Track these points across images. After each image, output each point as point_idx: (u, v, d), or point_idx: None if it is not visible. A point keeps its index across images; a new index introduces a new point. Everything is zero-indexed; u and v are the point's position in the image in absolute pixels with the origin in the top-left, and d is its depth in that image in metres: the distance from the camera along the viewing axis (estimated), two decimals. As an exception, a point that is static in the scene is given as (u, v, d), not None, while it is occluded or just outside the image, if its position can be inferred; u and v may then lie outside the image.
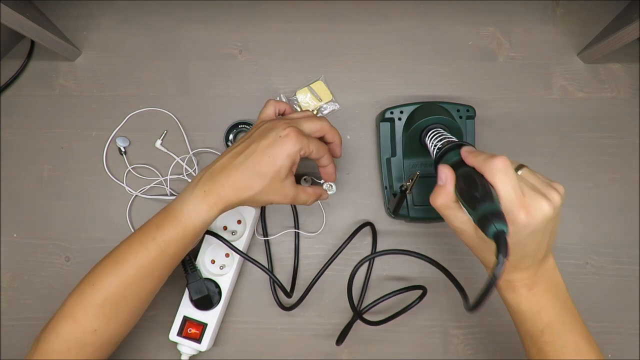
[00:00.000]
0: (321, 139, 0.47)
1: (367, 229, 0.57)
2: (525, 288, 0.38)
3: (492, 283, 0.29)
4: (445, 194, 0.37)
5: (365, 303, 0.53)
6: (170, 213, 0.44)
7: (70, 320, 0.42)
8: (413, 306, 0.52)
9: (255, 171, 0.42)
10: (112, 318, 0.43)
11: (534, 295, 0.39)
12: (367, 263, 0.57)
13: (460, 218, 0.37)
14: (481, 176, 0.35)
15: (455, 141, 0.43)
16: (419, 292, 0.52)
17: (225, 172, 0.42)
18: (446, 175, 0.37)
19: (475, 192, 0.34)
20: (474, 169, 0.37)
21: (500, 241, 0.30)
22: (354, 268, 0.50)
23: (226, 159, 0.43)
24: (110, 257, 0.44)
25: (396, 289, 0.52)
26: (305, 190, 0.47)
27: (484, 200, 0.33)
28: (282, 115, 0.50)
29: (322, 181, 0.53)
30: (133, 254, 0.43)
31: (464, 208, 0.36)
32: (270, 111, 0.49)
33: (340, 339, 0.52)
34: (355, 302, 0.55)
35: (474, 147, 0.41)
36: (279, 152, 0.41)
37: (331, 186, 0.52)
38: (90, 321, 0.42)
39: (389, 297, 0.52)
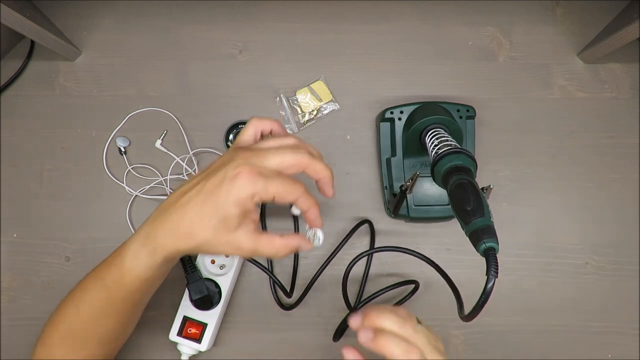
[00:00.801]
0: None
1: (367, 228, 0.57)
2: None
3: (484, 300, 0.30)
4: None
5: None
6: (117, 252, 0.40)
7: (44, 347, 0.43)
8: (405, 300, 0.54)
9: (195, 219, 0.34)
10: (79, 349, 0.42)
11: None
12: (365, 262, 0.57)
13: None
14: (474, 188, 0.35)
15: (451, 147, 0.43)
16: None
17: (166, 214, 0.36)
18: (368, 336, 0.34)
19: (467, 206, 0.34)
20: (468, 180, 0.37)
21: (490, 258, 0.30)
22: (350, 263, 0.50)
23: (173, 197, 0.36)
24: (72, 291, 0.43)
25: (389, 285, 0.53)
26: (272, 242, 0.36)
27: (474, 215, 0.33)
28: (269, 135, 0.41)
29: (307, 227, 0.40)
30: (87, 292, 0.41)
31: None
32: (248, 134, 0.39)
33: (337, 335, 0.52)
34: (355, 301, 0.55)
35: (470, 155, 0.41)
36: (224, 198, 0.33)
37: (315, 234, 0.38)
38: (60, 349, 0.42)
39: (382, 293, 0.53)
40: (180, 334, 0.51)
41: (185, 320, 0.52)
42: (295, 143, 0.37)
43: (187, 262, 0.52)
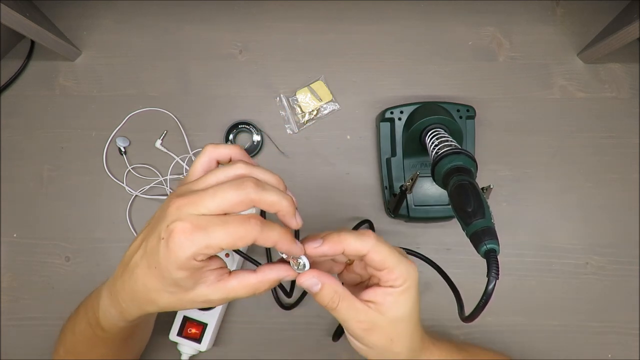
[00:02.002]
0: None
1: (367, 228, 0.57)
2: (426, 351, 0.39)
3: (485, 301, 0.29)
4: (324, 294, 0.32)
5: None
6: (96, 293, 0.38)
7: (57, 355, 0.44)
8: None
9: (149, 286, 0.30)
10: None
11: (430, 355, 0.39)
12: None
13: (361, 309, 0.32)
14: (475, 189, 0.35)
15: (451, 147, 0.43)
16: None
17: (123, 278, 0.32)
18: (314, 281, 0.32)
19: (468, 207, 0.34)
20: (469, 181, 0.36)
21: (491, 260, 0.30)
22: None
23: (126, 253, 0.32)
24: (76, 309, 0.43)
25: None
26: (245, 283, 0.31)
27: (475, 216, 0.33)
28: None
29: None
30: (79, 321, 0.41)
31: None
32: (197, 166, 0.32)
33: (336, 335, 0.52)
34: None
35: (471, 156, 0.41)
36: (165, 264, 0.28)
37: (299, 262, 0.32)
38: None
39: None
40: (180, 334, 0.51)
41: (185, 320, 0.52)
42: (240, 173, 0.30)
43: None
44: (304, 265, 0.32)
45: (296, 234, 0.59)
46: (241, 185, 0.28)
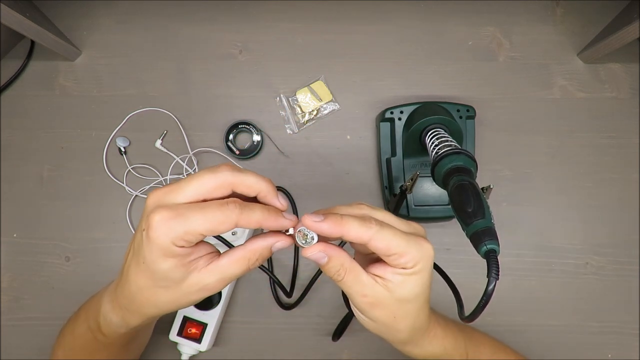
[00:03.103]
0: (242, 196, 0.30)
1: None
2: (429, 340, 0.38)
3: (485, 302, 0.29)
4: (330, 267, 0.31)
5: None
6: (97, 298, 0.38)
7: (55, 357, 0.44)
8: None
9: (143, 288, 0.30)
10: None
11: (437, 338, 0.38)
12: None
13: (367, 282, 0.31)
14: (475, 189, 0.35)
15: (451, 147, 0.43)
16: None
17: (121, 282, 0.32)
18: (320, 255, 0.31)
19: (468, 208, 0.34)
20: (469, 181, 0.36)
21: (491, 260, 0.30)
22: None
23: (125, 254, 0.32)
24: (76, 311, 0.43)
25: None
26: (234, 257, 0.30)
27: (475, 216, 0.33)
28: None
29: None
30: (79, 324, 0.41)
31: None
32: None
33: (336, 335, 0.52)
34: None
35: (471, 156, 0.41)
36: (150, 257, 0.27)
37: (306, 235, 0.31)
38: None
39: None
40: (180, 334, 0.51)
41: (185, 320, 0.52)
42: (218, 165, 0.30)
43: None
44: (312, 238, 0.31)
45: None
46: (217, 169, 0.28)
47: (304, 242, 0.31)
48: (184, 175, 0.59)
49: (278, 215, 0.30)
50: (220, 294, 0.52)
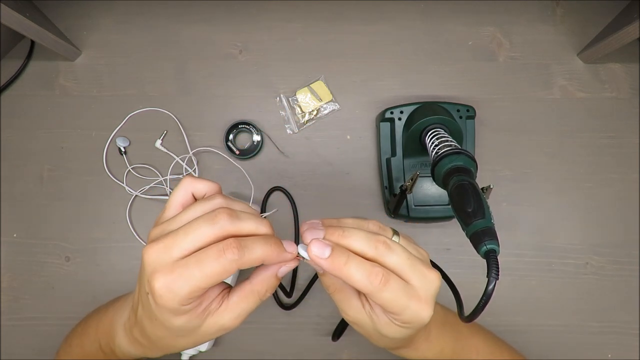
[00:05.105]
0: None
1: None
2: (425, 342, 0.38)
3: (485, 302, 0.29)
4: (323, 281, 0.32)
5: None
6: (109, 323, 0.38)
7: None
8: None
9: (162, 337, 0.30)
10: None
11: (432, 340, 0.39)
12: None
13: (355, 306, 0.32)
14: (475, 189, 0.35)
15: (451, 147, 0.43)
16: None
17: (138, 327, 0.32)
18: (317, 268, 0.30)
19: (468, 208, 0.34)
20: (469, 181, 0.36)
21: (491, 260, 0.30)
22: None
23: (135, 297, 0.32)
24: (84, 321, 0.43)
25: None
26: (243, 292, 0.30)
27: (475, 216, 0.33)
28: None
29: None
30: (87, 337, 0.41)
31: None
32: (176, 200, 0.31)
33: (336, 335, 0.52)
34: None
35: (470, 156, 0.41)
36: (161, 318, 0.27)
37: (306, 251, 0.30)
38: None
39: None
40: (180, 334, 0.51)
41: (185, 320, 0.52)
42: (216, 204, 0.29)
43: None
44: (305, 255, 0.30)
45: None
46: (214, 219, 0.27)
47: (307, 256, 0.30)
48: (183, 176, 0.59)
49: (280, 250, 0.28)
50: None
